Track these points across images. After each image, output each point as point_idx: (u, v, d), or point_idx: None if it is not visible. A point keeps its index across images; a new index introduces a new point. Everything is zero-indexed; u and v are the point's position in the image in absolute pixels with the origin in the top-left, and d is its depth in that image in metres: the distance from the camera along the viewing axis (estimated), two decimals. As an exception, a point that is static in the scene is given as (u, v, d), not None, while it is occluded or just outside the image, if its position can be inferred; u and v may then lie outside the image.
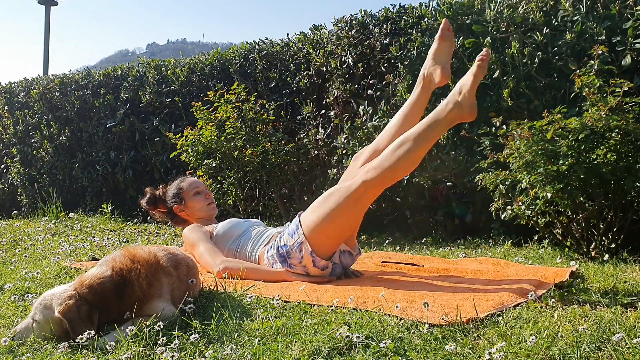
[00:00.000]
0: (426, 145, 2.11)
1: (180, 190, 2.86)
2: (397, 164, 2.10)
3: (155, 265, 1.71)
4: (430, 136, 2.10)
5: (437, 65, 2.31)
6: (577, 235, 2.74)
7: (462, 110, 2.04)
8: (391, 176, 2.16)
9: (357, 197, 2.16)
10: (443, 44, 2.34)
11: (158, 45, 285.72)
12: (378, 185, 2.17)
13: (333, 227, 2.21)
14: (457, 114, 2.05)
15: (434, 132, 2.10)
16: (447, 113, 2.06)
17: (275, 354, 1.35)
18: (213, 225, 2.70)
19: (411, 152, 2.09)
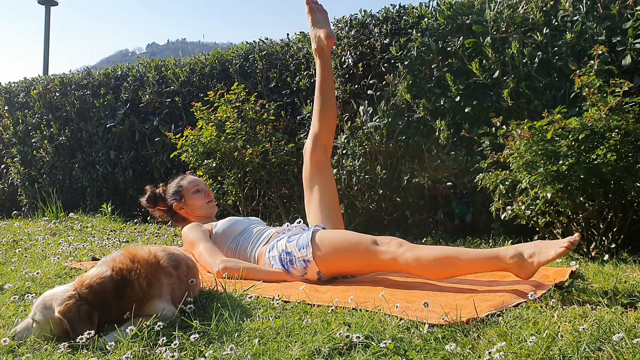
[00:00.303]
0: (469, 272, 2.06)
1: (180, 188, 2.86)
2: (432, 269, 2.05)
3: (155, 265, 1.72)
4: (479, 269, 2.03)
5: (319, 30, 2.54)
6: (577, 235, 2.74)
7: (521, 271, 1.93)
8: (419, 273, 2.10)
9: (378, 265, 2.15)
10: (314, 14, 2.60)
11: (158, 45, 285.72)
12: (403, 270, 2.11)
13: (344, 268, 2.24)
14: (515, 269, 1.94)
15: (484, 268, 2.03)
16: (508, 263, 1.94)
17: (275, 354, 1.35)
18: (212, 223, 2.70)
19: (452, 270, 2.04)
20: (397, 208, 3.86)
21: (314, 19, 2.61)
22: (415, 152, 3.71)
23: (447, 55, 3.55)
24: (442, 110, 3.57)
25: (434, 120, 3.54)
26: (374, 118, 3.80)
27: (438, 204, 3.67)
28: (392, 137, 3.72)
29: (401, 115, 3.73)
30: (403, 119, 3.70)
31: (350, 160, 3.82)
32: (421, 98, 3.63)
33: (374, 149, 3.78)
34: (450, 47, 3.51)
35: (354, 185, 3.85)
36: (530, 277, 1.94)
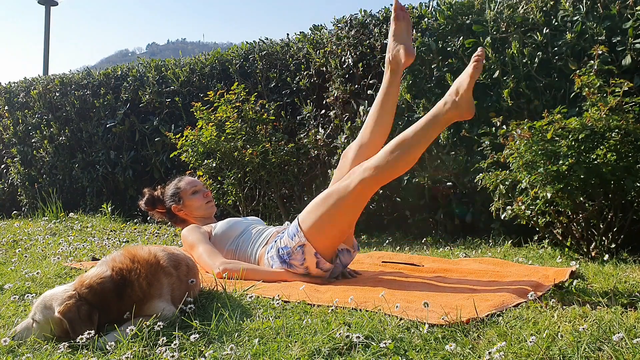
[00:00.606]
0: (424, 144, 2.14)
1: (178, 189, 2.86)
2: (395, 163, 2.12)
3: (155, 265, 1.71)
4: (428, 135, 2.12)
5: (399, 45, 2.36)
6: (577, 235, 2.74)
7: (460, 109, 2.06)
8: (389, 175, 2.18)
9: (356, 196, 2.17)
10: (399, 24, 2.39)
11: (158, 45, 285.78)
12: (376, 183, 2.19)
13: (333, 226, 2.22)
14: (454, 112, 2.07)
15: (432, 131, 2.12)
16: (445, 112, 2.08)
17: (275, 354, 1.35)
18: (212, 225, 2.70)
19: (409, 151, 2.11)
20: (397, 208, 3.86)
21: (397, 29, 2.38)
22: (415, 152, 3.71)
23: (447, 55, 3.55)
24: (442, 110, 3.57)
25: (434, 120, 3.54)
26: (374, 118, 3.79)
27: (438, 204, 3.68)
28: (392, 137, 3.72)
29: (401, 115, 3.72)
30: (403, 119, 3.70)
31: (350, 160, 3.82)
32: (421, 98, 3.63)
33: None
34: (450, 47, 3.51)
35: (354, 185, 3.85)
36: (472, 109, 2.06)
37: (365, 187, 2.16)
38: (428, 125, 2.11)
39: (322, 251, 2.23)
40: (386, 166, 2.12)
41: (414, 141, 2.10)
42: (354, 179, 2.17)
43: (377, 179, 2.15)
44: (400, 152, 2.11)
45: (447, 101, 2.08)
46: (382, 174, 2.14)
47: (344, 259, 2.35)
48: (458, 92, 2.05)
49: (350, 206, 2.19)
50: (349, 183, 2.17)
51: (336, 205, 2.18)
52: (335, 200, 2.18)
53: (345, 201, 2.17)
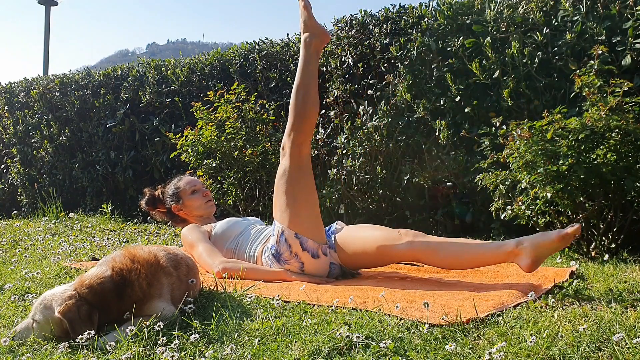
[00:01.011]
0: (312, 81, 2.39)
1: (177, 189, 2.86)
2: (300, 109, 2.35)
3: (155, 265, 1.72)
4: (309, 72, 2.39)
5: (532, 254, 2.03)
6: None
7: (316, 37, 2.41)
8: (302, 121, 2.36)
9: (295, 160, 2.31)
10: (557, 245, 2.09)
11: (158, 45, 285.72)
12: (301, 137, 2.34)
13: (299, 202, 2.30)
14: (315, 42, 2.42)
15: (310, 67, 2.41)
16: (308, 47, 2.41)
17: (275, 354, 1.35)
18: (211, 225, 2.70)
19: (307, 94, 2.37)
20: (397, 208, 3.86)
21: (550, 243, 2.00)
22: (415, 152, 3.71)
23: (447, 55, 3.55)
24: (442, 110, 3.57)
25: (434, 120, 3.54)
26: (374, 118, 3.80)
27: (438, 204, 3.68)
28: (392, 137, 3.72)
29: (401, 115, 3.73)
30: (403, 119, 3.70)
31: (350, 160, 3.82)
32: (421, 98, 3.63)
33: (374, 149, 3.78)
34: (450, 47, 3.51)
35: (354, 185, 3.85)
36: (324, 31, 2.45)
37: (298, 146, 2.32)
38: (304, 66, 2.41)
39: (302, 230, 2.27)
40: (296, 116, 2.34)
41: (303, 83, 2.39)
42: (287, 148, 2.34)
43: (301, 132, 2.32)
44: (300, 98, 2.37)
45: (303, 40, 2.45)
46: (298, 125, 2.34)
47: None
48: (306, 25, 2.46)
49: (299, 171, 2.31)
50: (286, 155, 2.33)
51: (288, 180, 2.31)
52: (284, 176, 2.32)
53: (291, 170, 2.31)
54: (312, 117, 2.39)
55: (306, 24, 2.44)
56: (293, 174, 2.31)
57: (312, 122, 2.39)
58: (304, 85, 2.38)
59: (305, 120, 2.36)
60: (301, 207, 2.29)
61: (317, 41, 2.42)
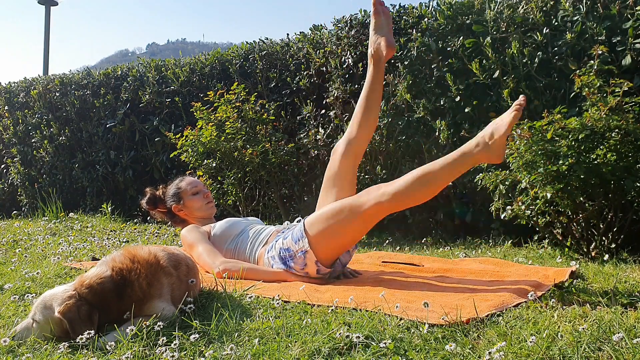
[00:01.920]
0: (447, 180, 2.12)
1: (179, 190, 2.86)
2: (414, 193, 2.09)
3: (155, 265, 1.71)
4: (453, 172, 2.08)
5: (380, 38, 2.39)
6: (577, 235, 2.74)
7: (490, 154, 2.01)
8: (406, 204, 2.18)
9: (367, 217, 2.15)
10: (379, 18, 2.43)
11: (158, 45, 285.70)
12: (390, 209, 2.15)
13: (338, 240, 2.22)
14: (484, 155, 2.02)
15: (458, 169, 2.08)
16: (475, 154, 2.03)
17: (275, 354, 1.35)
18: (210, 225, 2.70)
19: (431, 184, 2.08)
20: (397, 208, 3.86)
21: (377, 22, 2.43)
22: (415, 152, 3.71)
23: (447, 55, 3.55)
24: (442, 110, 3.57)
25: (434, 120, 3.54)
26: (374, 118, 3.80)
27: (438, 204, 3.68)
28: (392, 137, 3.72)
29: (401, 115, 3.73)
30: (403, 119, 3.70)
31: (350, 160, 3.82)
32: (421, 98, 3.63)
33: (374, 149, 3.78)
34: (450, 47, 3.51)
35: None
36: (502, 155, 2.01)
37: (379, 210, 2.13)
38: (456, 162, 2.06)
39: (324, 260, 2.24)
40: (405, 195, 2.08)
41: (438, 175, 2.07)
42: (370, 199, 2.12)
43: (393, 206, 2.13)
44: (422, 185, 2.07)
45: (480, 143, 2.03)
46: (399, 202, 2.12)
47: (343, 258, 2.35)
48: (492, 136, 1.98)
49: (360, 225, 2.18)
50: (364, 203, 2.13)
51: (346, 221, 2.16)
52: (346, 216, 2.16)
53: (356, 219, 2.15)
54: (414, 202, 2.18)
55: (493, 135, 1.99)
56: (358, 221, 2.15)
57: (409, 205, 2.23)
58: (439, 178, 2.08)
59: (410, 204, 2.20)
60: (337, 246, 2.23)
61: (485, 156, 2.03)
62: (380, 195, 2.11)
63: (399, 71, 3.74)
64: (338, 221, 2.17)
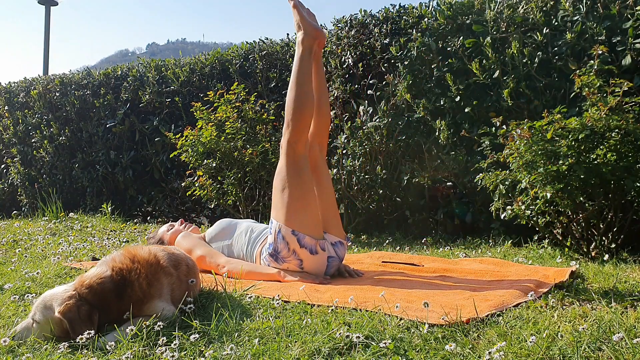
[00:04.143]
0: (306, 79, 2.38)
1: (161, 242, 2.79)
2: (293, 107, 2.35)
3: (155, 265, 1.72)
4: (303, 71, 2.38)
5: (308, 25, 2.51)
6: (577, 235, 2.74)
7: (310, 36, 2.41)
8: (299, 119, 2.36)
9: (292, 157, 2.33)
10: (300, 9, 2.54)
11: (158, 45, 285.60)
12: (297, 135, 2.34)
13: (294, 199, 2.31)
14: (308, 41, 2.41)
15: (304, 66, 2.39)
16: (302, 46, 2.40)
17: (275, 354, 1.35)
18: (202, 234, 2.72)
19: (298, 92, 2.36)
20: (397, 208, 3.86)
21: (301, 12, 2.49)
22: (415, 152, 3.71)
23: (447, 55, 3.55)
24: (442, 110, 3.57)
25: (434, 120, 3.54)
26: (374, 118, 3.80)
27: (438, 204, 3.68)
28: (392, 137, 3.72)
29: (401, 115, 3.73)
30: (403, 119, 3.70)
31: (350, 160, 3.82)
32: (421, 98, 3.63)
33: (374, 149, 3.78)
34: (450, 47, 3.51)
35: (354, 185, 3.85)
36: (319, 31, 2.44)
37: (292, 145, 2.34)
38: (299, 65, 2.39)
39: (298, 227, 2.28)
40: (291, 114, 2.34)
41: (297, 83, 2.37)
42: (283, 148, 2.37)
43: (295, 131, 2.34)
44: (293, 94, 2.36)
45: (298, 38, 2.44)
46: (294, 122, 2.34)
47: (339, 251, 2.37)
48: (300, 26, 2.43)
49: (293, 169, 2.33)
50: (282, 154, 2.37)
51: (283, 178, 2.33)
52: (280, 175, 2.35)
53: (287, 169, 2.33)
54: (305, 115, 2.37)
55: (298, 24, 2.44)
56: (288, 171, 2.33)
57: (305, 121, 2.38)
58: (297, 83, 2.38)
59: (299, 118, 2.35)
60: (297, 204, 2.30)
61: (309, 39, 2.40)
62: (283, 138, 2.38)
63: (399, 71, 3.74)
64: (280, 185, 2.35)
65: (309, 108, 2.39)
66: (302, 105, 2.36)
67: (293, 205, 2.30)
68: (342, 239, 2.41)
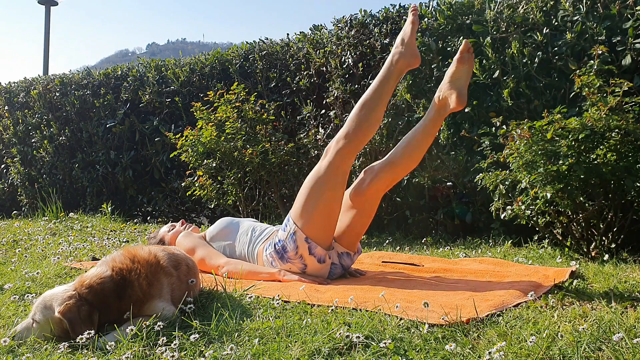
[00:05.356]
0: (384, 98, 2.24)
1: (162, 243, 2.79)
2: (362, 123, 2.21)
3: (155, 265, 1.72)
4: (385, 91, 2.24)
5: (453, 89, 2.26)
6: (577, 235, 2.74)
7: (406, 58, 2.24)
8: (360, 138, 2.24)
9: (334, 170, 2.22)
10: (461, 67, 2.30)
11: (158, 45, 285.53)
12: (350, 151, 2.24)
13: (319, 208, 2.23)
14: (403, 63, 2.24)
15: (387, 87, 2.24)
16: (395, 64, 2.24)
17: (275, 354, 1.35)
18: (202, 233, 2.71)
19: (372, 111, 2.22)
20: (397, 208, 3.86)
21: (457, 71, 2.29)
22: (415, 152, 3.71)
23: (447, 55, 3.55)
24: (442, 110, 3.57)
25: (434, 120, 3.54)
26: (374, 118, 3.79)
27: (438, 204, 3.67)
28: (392, 137, 3.72)
29: (401, 115, 3.73)
30: (403, 119, 3.70)
31: (350, 160, 3.82)
32: (421, 98, 3.63)
33: (374, 149, 3.78)
34: (450, 47, 3.51)
35: (354, 185, 3.85)
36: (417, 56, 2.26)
37: (342, 157, 2.22)
38: (382, 82, 2.24)
39: (314, 236, 2.24)
40: (355, 129, 2.21)
41: (375, 98, 2.23)
42: (330, 153, 2.23)
43: (351, 145, 2.22)
44: (366, 112, 2.22)
45: (394, 54, 2.26)
46: (354, 138, 2.22)
47: (344, 262, 2.36)
48: (403, 43, 2.25)
49: (331, 182, 2.23)
50: (326, 160, 2.24)
51: (317, 184, 2.23)
52: (316, 179, 2.23)
53: (325, 178, 2.22)
54: (367, 135, 2.24)
55: (404, 40, 2.23)
56: (325, 180, 2.21)
57: (364, 140, 2.26)
58: (372, 102, 2.21)
59: (361, 139, 2.23)
60: (321, 219, 2.23)
61: (404, 62, 2.22)
62: (335, 144, 2.23)
63: (399, 71, 3.74)
64: (311, 189, 2.23)
65: (373, 130, 2.27)
66: (368, 127, 2.23)
67: (318, 217, 2.23)
68: (351, 251, 2.37)
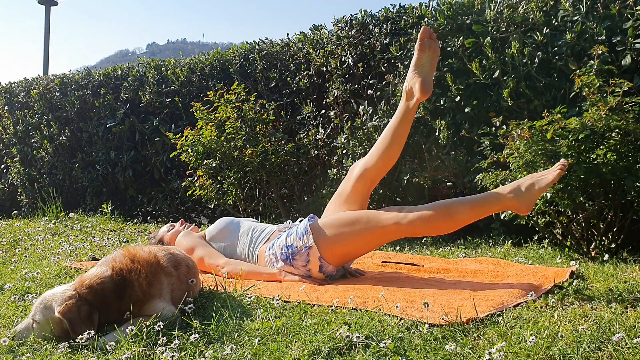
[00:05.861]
0: (470, 218, 2.09)
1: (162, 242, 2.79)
2: (434, 225, 2.08)
3: (155, 265, 1.72)
4: (479, 212, 2.10)
5: (416, 78, 2.22)
6: (577, 235, 2.74)
7: (521, 203, 2.01)
8: (423, 231, 2.14)
9: (383, 234, 2.14)
10: (422, 55, 2.23)
11: (158, 45, 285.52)
12: (408, 233, 2.13)
13: (348, 248, 2.20)
14: (514, 204, 2.02)
15: (484, 210, 2.10)
16: (506, 199, 2.03)
17: (275, 354, 1.35)
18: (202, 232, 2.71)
19: (453, 220, 2.08)
20: (397, 208, 3.86)
21: (419, 59, 2.23)
22: (415, 152, 3.71)
23: (447, 55, 3.54)
24: (442, 110, 3.57)
25: (434, 120, 3.54)
26: (374, 118, 3.80)
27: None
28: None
29: (401, 115, 3.72)
30: (403, 119, 3.70)
31: (350, 160, 3.82)
32: (421, 98, 3.63)
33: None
34: (450, 47, 3.51)
35: (354, 185, 3.85)
36: (531, 208, 2.02)
37: (396, 231, 2.12)
38: (484, 202, 2.08)
39: (328, 259, 2.23)
40: (425, 223, 2.07)
41: (463, 212, 2.07)
42: (390, 218, 2.10)
43: (410, 230, 2.11)
44: (445, 217, 2.07)
45: (514, 190, 2.03)
46: (417, 228, 2.10)
47: (346, 264, 2.36)
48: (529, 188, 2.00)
49: (373, 240, 2.17)
50: (383, 220, 2.11)
51: (360, 231, 2.14)
52: (362, 227, 2.14)
53: (371, 233, 2.13)
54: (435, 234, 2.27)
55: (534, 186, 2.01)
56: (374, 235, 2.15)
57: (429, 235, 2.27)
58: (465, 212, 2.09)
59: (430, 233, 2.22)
60: (346, 250, 2.21)
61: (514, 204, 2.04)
62: (401, 216, 2.08)
63: (399, 71, 3.74)
64: (352, 230, 2.15)
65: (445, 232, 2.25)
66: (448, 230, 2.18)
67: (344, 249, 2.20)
68: None
